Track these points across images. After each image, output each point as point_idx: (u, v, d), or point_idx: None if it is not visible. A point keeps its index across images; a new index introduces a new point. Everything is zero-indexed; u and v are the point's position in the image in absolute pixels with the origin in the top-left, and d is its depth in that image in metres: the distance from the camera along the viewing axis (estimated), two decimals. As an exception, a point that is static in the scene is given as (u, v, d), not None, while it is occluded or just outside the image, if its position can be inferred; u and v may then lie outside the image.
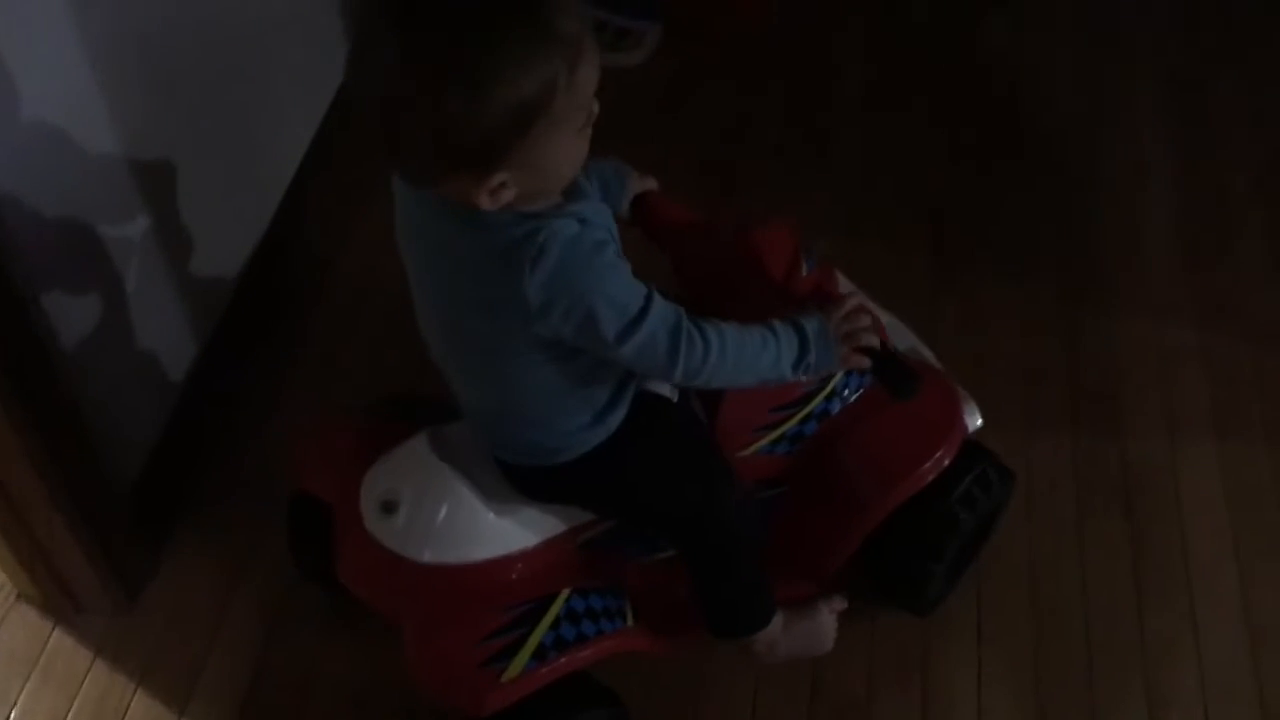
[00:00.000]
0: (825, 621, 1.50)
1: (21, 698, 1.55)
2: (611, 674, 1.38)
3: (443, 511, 1.27)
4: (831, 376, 1.41)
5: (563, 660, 1.26)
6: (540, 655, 1.24)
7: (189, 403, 1.74)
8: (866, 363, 1.23)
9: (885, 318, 1.41)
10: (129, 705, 1.55)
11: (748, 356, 1.16)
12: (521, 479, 1.29)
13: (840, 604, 1.52)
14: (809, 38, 2.50)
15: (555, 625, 1.26)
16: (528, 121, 0.98)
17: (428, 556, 1.27)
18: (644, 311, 1.08)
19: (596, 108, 1.05)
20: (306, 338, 1.95)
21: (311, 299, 2.00)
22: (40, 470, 1.40)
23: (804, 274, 1.34)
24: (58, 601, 1.59)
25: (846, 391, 1.44)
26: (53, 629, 1.61)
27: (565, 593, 1.28)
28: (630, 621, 1.35)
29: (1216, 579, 1.66)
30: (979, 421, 1.48)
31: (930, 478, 1.41)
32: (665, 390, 1.29)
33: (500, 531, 1.29)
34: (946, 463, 1.42)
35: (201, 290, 1.77)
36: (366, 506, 1.29)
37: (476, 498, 1.27)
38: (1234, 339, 1.93)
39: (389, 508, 1.28)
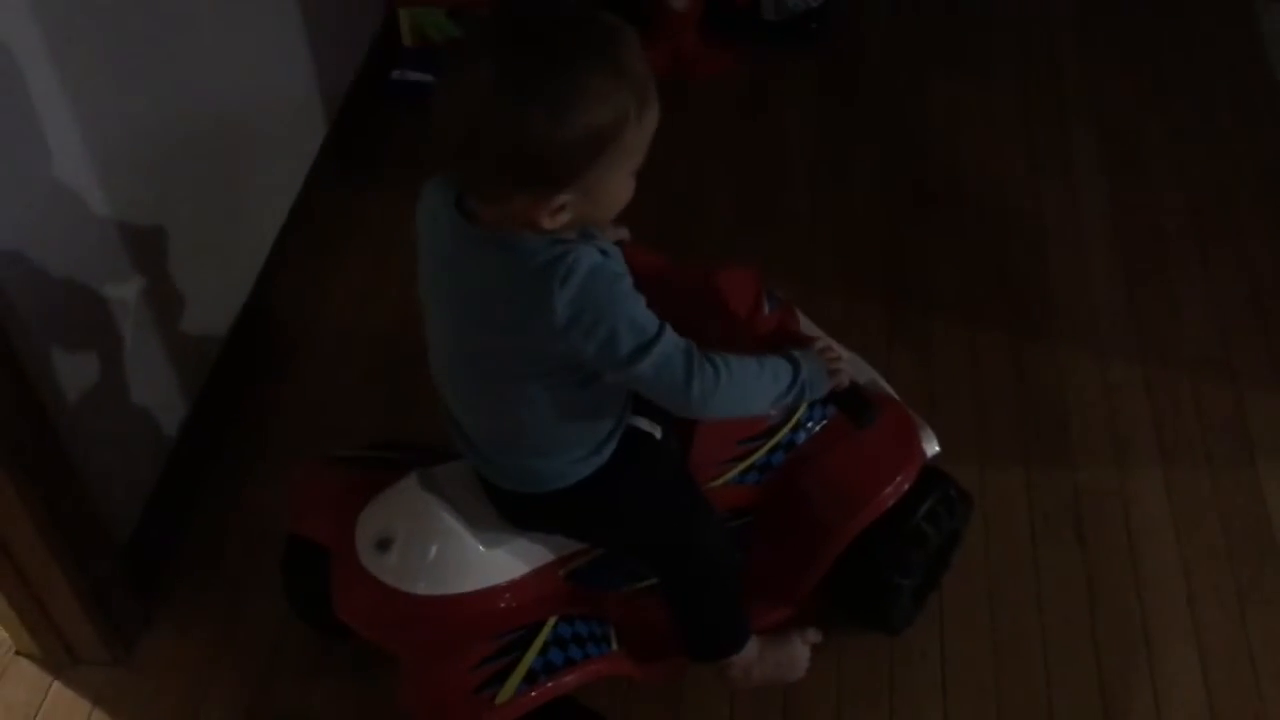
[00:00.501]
0: (799, 651, 1.58)
1: (21, 751, 1.60)
2: (595, 697, 1.45)
3: (435, 546, 1.35)
4: (797, 410, 1.50)
5: (552, 684, 1.32)
6: (531, 679, 1.31)
7: (180, 458, 1.80)
8: (845, 382, 1.34)
9: (845, 353, 1.50)
10: (127, 756, 1.60)
11: (750, 382, 1.26)
12: (513, 508, 1.36)
13: (815, 636, 1.59)
14: (757, 93, 2.62)
15: (544, 651, 1.33)
16: (600, 149, 1.07)
17: (422, 589, 1.34)
18: (659, 334, 1.17)
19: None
20: (290, 393, 2.02)
21: (294, 356, 2.08)
22: (40, 526, 1.45)
23: (766, 313, 1.43)
24: (56, 655, 1.64)
25: (811, 423, 1.53)
26: (51, 683, 1.66)
27: (552, 620, 1.35)
28: (615, 646, 1.41)
29: (1166, 598, 1.75)
30: (937, 448, 1.58)
31: (892, 501, 1.50)
32: (648, 427, 1.37)
33: (490, 563, 1.36)
34: (907, 486, 1.51)
35: (191, 349, 1.84)
36: (362, 545, 1.37)
37: (467, 532, 1.35)
38: (1174, 370, 2.04)
39: (384, 545, 1.35)
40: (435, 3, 2.52)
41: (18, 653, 1.67)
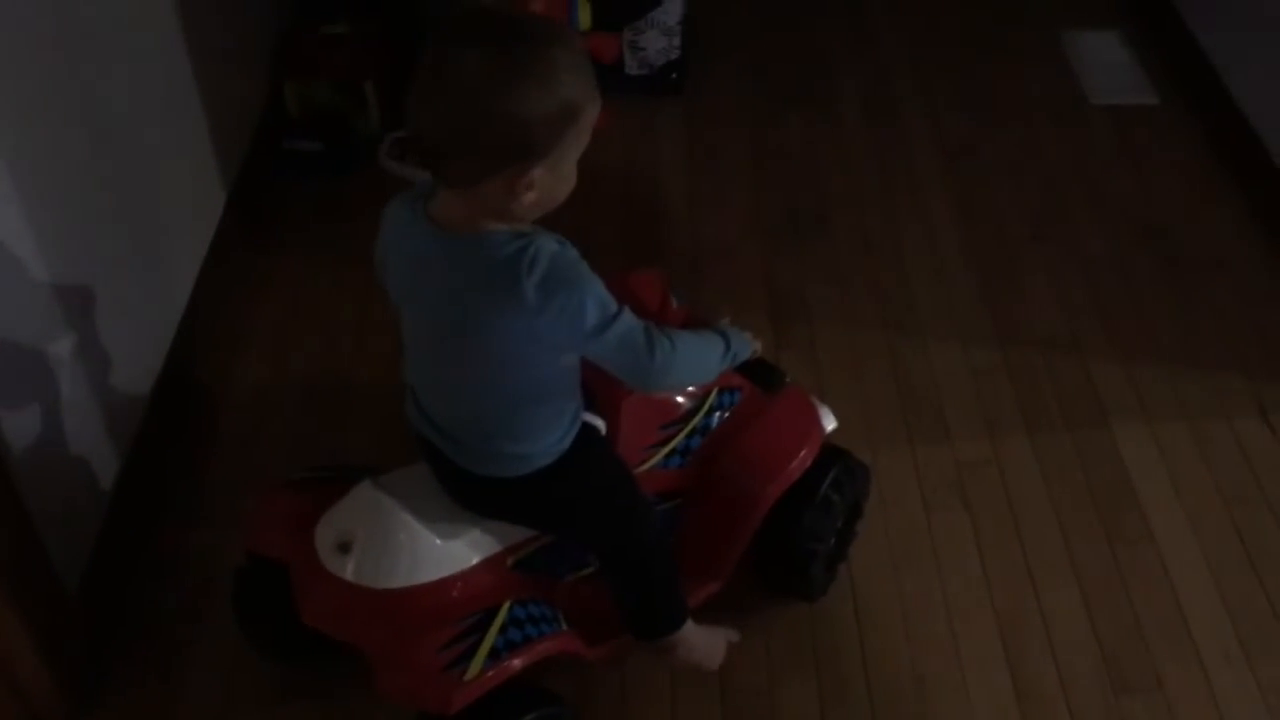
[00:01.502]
0: (720, 643, 1.72)
1: (-13, 804, 1.61)
2: (547, 679, 1.56)
3: (394, 543, 1.45)
4: (708, 395, 1.65)
5: (514, 660, 1.43)
6: (494, 656, 1.41)
7: (119, 509, 1.86)
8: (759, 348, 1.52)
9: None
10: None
11: (696, 352, 1.43)
12: (475, 495, 1.48)
13: (735, 636, 1.74)
14: (631, 139, 2.81)
15: (503, 630, 1.43)
16: (571, 121, 1.22)
17: (384, 584, 1.44)
18: (620, 310, 1.31)
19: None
20: (221, 440, 2.10)
21: (218, 408, 2.16)
22: (2, 581, 1.49)
23: (675, 307, 1.59)
24: (13, 711, 1.65)
25: (721, 409, 1.69)
26: (9, 739, 1.68)
27: (507, 603, 1.46)
28: (564, 626, 1.53)
29: (1046, 547, 1.94)
30: (834, 423, 1.76)
31: (800, 471, 1.66)
32: (594, 421, 1.52)
33: (445, 555, 1.47)
34: (812, 458, 1.68)
35: (121, 404, 1.91)
36: (323, 550, 1.46)
37: (421, 526, 1.45)
38: (1027, 349, 2.28)
39: (344, 548, 1.45)
40: (319, 76, 2.65)
41: (-27, 713, 1.69)
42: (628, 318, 1.32)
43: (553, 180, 1.26)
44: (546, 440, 1.43)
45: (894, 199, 2.65)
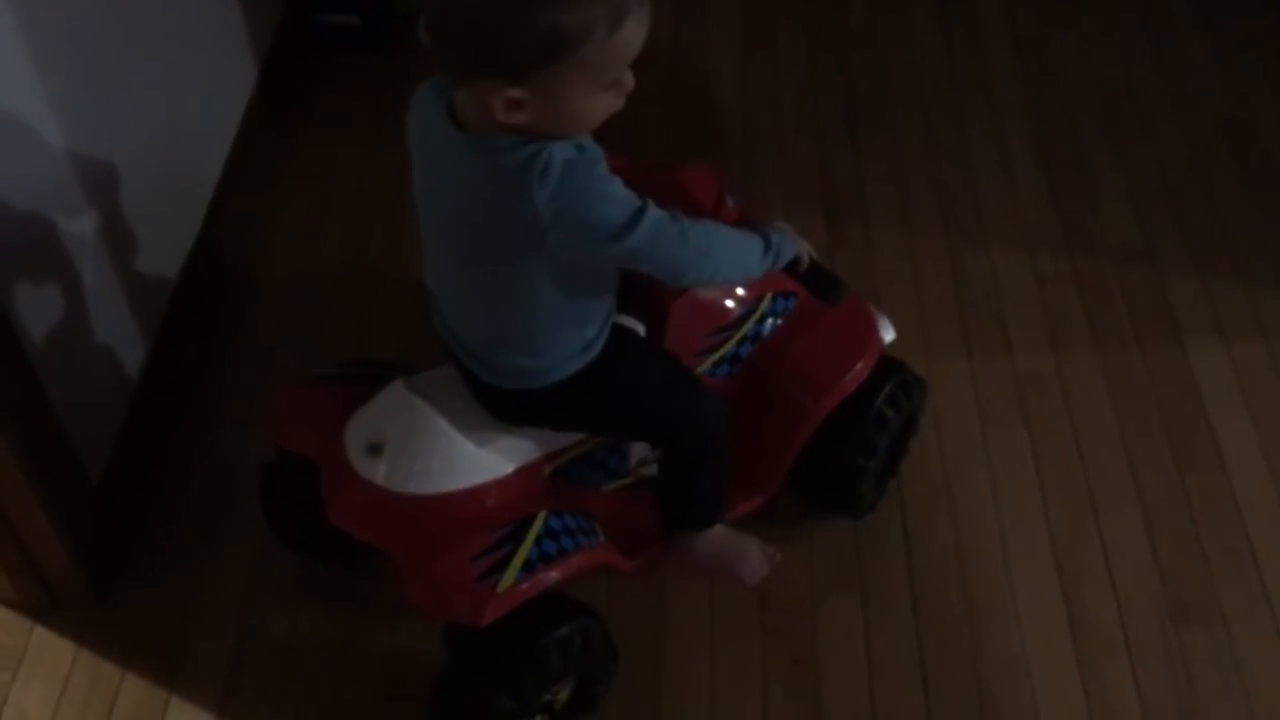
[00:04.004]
0: (754, 553, 1.63)
1: (11, 693, 1.59)
2: (581, 592, 1.50)
3: (426, 447, 1.38)
4: (761, 301, 1.55)
5: (549, 573, 1.37)
6: (528, 568, 1.35)
7: (144, 397, 1.80)
8: (811, 254, 1.42)
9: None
10: (118, 691, 1.60)
11: (733, 246, 1.33)
12: (506, 405, 1.40)
13: (777, 555, 1.65)
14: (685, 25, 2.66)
15: (538, 541, 1.37)
16: (557, 54, 1.10)
17: (416, 489, 1.37)
18: (644, 206, 1.21)
19: (631, 81, 1.18)
20: (245, 328, 2.03)
21: (245, 292, 2.09)
22: (24, 467, 1.45)
23: (730, 206, 1.48)
24: (36, 599, 1.63)
25: (774, 315, 1.59)
26: (33, 628, 1.65)
27: (542, 514, 1.39)
28: (601, 538, 1.46)
29: (1110, 470, 1.85)
30: (892, 334, 1.65)
31: (857, 383, 1.57)
32: (631, 324, 1.43)
33: (479, 462, 1.40)
34: (868, 370, 1.57)
35: (147, 288, 1.84)
36: (353, 451, 1.39)
37: (456, 432, 1.38)
38: (1099, 260, 2.14)
39: (375, 449, 1.38)
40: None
41: (-6, 601, 1.67)
42: (652, 214, 1.21)
43: (551, 111, 1.15)
44: (569, 351, 1.34)
45: (961, 92, 2.49)
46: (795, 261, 1.43)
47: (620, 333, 1.40)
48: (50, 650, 1.63)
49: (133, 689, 1.60)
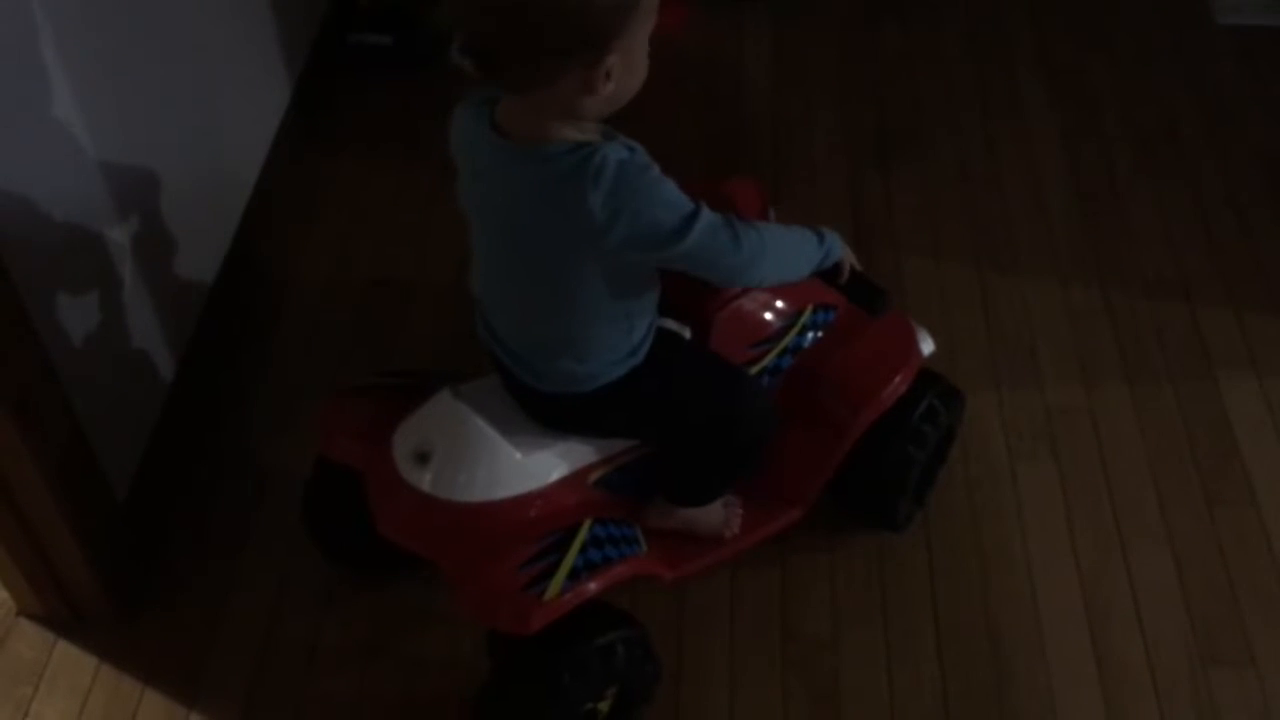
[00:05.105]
0: (724, 512, 1.62)
1: (32, 707, 1.60)
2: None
3: (475, 455, 1.39)
4: (801, 313, 1.57)
5: (593, 582, 1.37)
6: (574, 576, 1.36)
7: (174, 408, 1.81)
8: (855, 264, 1.46)
9: None
10: (137, 708, 1.60)
11: (787, 242, 1.36)
12: (551, 411, 1.41)
13: (735, 501, 1.63)
14: (717, 39, 2.65)
15: (583, 550, 1.38)
16: (633, 4, 1.11)
17: (463, 497, 1.39)
18: (698, 209, 1.22)
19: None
20: (277, 342, 2.05)
21: (279, 303, 2.11)
22: (49, 482, 1.46)
23: (772, 217, 1.49)
24: (60, 614, 1.64)
25: (814, 329, 1.60)
26: (56, 642, 1.66)
27: (588, 522, 1.41)
28: (644, 548, 1.47)
29: (1138, 505, 1.82)
30: (931, 346, 1.66)
31: (896, 397, 1.58)
32: (676, 328, 1.45)
33: (526, 470, 1.41)
34: (908, 384, 1.58)
35: (181, 297, 1.86)
36: (400, 460, 1.40)
37: (504, 441, 1.39)
38: (1131, 292, 2.12)
39: (423, 458, 1.39)
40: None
41: (19, 614, 1.67)
42: (706, 216, 1.23)
43: (627, 69, 1.16)
44: (618, 354, 1.36)
45: (993, 120, 2.47)
46: (838, 269, 1.45)
47: (666, 336, 1.42)
48: (72, 665, 1.64)
49: (152, 706, 1.60)
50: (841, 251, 1.45)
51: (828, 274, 1.46)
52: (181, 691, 1.62)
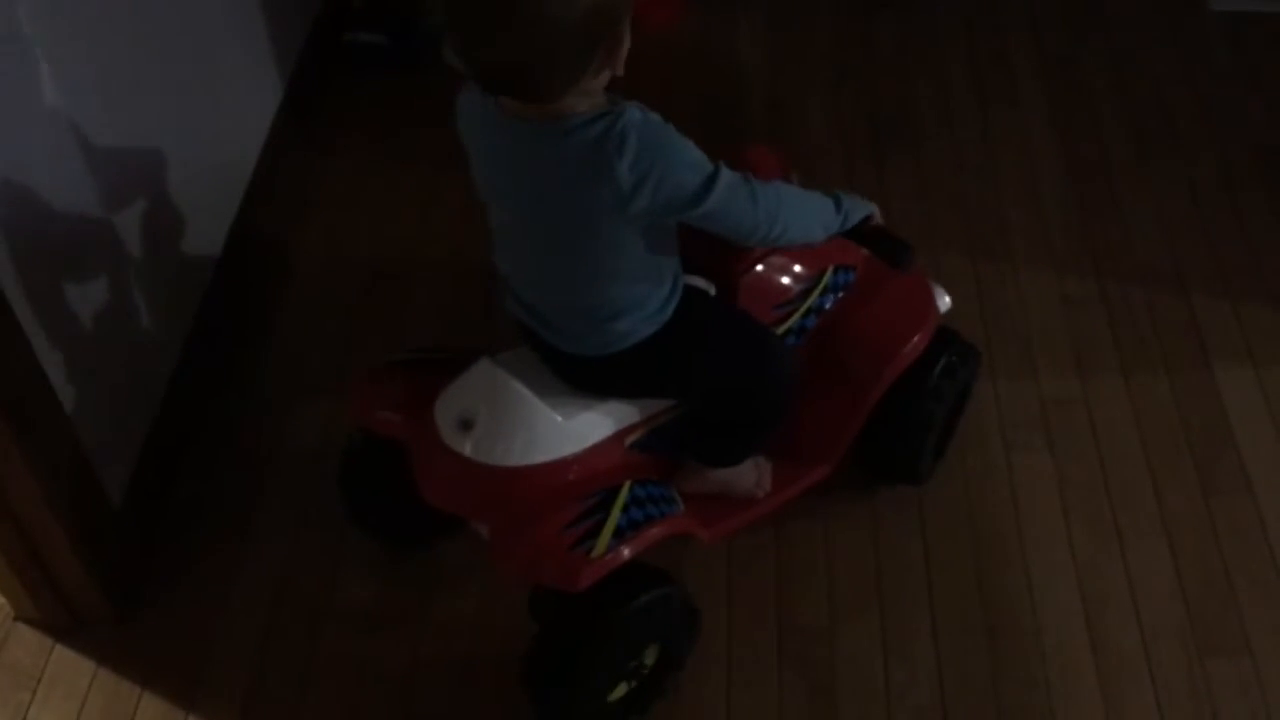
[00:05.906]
0: (757, 473, 1.65)
1: (31, 710, 1.60)
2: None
3: (516, 420, 1.42)
4: (823, 275, 1.60)
5: (637, 539, 1.41)
6: (619, 535, 1.39)
7: (170, 410, 1.82)
8: (879, 219, 1.49)
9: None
10: (136, 709, 1.61)
11: (805, 203, 1.39)
12: (585, 374, 1.44)
13: (764, 461, 1.66)
14: (712, 34, 2.65)
15: (626, 509, 1.41)
16: None
17: (506, 461, 1.41)
18: (718, 169, 1.25)
19: None
20: (278, 336, 2.06)
21: (280, 288, 2.13)
22: (44, 486, 1.46)
23: (795, 183, 1.50)
24: (58, 617, 1.64)
25: (835, 291, 1.63)
26: (54, 646, 1.66)
27: (628, 483, 1.44)
28: (681, 507, 1.50)
29: (1134, 494, 1.82)
30: (949, 302, 1.70)
31: (916, 355, 1.62)
32: (703, 285, 1.48)
33: (567, 434, 1.44)
34: (927, 342, 1.62)
35: (176, 293, 1.87)
36: (444, 427, 1.43)
37: (545, 406, 1.42)
38: (1128, 285, 2.12)
39: (466, 424, 1.41)
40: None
41: (17, 618, 1.67)
42: (726, 174, 1.27)
43: (620, 52, 1.20)
44: (649, 310, 1.39)
45: (987, 110, 2.47)
46: (867, 220, 1.48)
47: (694, 293, 1.45)
48: (70, 669, 1.64)
49: (150, 709, 1.61)
50: (865, 209, 1.48)
51: (854, 229, 1.49)
52: (180, 694, 1.62)
